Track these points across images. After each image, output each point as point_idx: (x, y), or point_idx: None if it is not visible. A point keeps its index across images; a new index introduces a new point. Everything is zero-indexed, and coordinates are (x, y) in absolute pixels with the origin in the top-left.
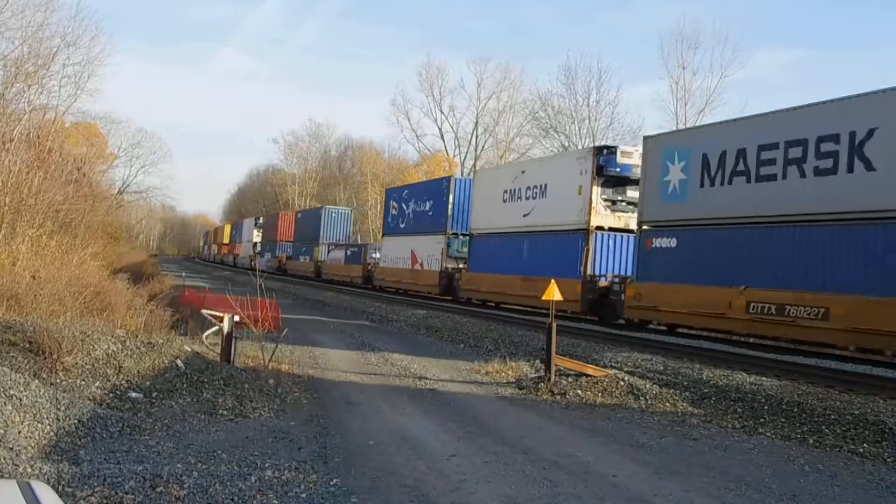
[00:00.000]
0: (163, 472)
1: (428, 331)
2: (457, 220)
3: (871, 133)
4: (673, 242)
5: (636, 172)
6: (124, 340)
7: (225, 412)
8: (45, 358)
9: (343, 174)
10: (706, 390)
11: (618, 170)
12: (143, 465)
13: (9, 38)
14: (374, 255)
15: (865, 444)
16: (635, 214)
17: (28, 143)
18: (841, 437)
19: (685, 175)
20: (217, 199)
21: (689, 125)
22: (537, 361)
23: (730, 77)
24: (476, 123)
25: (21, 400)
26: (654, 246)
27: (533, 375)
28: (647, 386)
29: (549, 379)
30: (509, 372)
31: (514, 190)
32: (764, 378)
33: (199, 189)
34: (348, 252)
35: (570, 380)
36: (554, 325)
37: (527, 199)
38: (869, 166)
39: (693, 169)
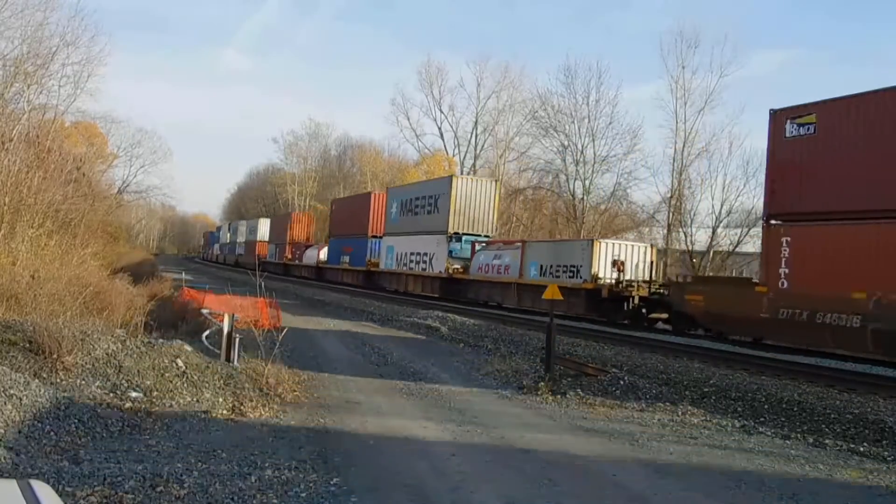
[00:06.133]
0: (163, 472)
1: (427, 329)
2: None
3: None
4: None
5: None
6: (124, 340)
7: (225, 412)
8: (45, 357)
9: (343, 174)
10: (706, 390)
11: None
12: (143, 464)
13: (8, 38)
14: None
15: (865, 443)
16: None
17: (27, 142)
18: (841, 436)
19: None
20: (217, 199)
21: (688, 124)
22: (537, 361)
23: (729, 76)
24: (476, 123)
25: (21, 399)
26: None
27: (532, 375)
28: (647, 386)
29: (549, 378)
30: (509, 371)
31: None
32: (764, 377)
33: (199, 189)
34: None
35: (569, 379)
36: (553, 324)
37: None
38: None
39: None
